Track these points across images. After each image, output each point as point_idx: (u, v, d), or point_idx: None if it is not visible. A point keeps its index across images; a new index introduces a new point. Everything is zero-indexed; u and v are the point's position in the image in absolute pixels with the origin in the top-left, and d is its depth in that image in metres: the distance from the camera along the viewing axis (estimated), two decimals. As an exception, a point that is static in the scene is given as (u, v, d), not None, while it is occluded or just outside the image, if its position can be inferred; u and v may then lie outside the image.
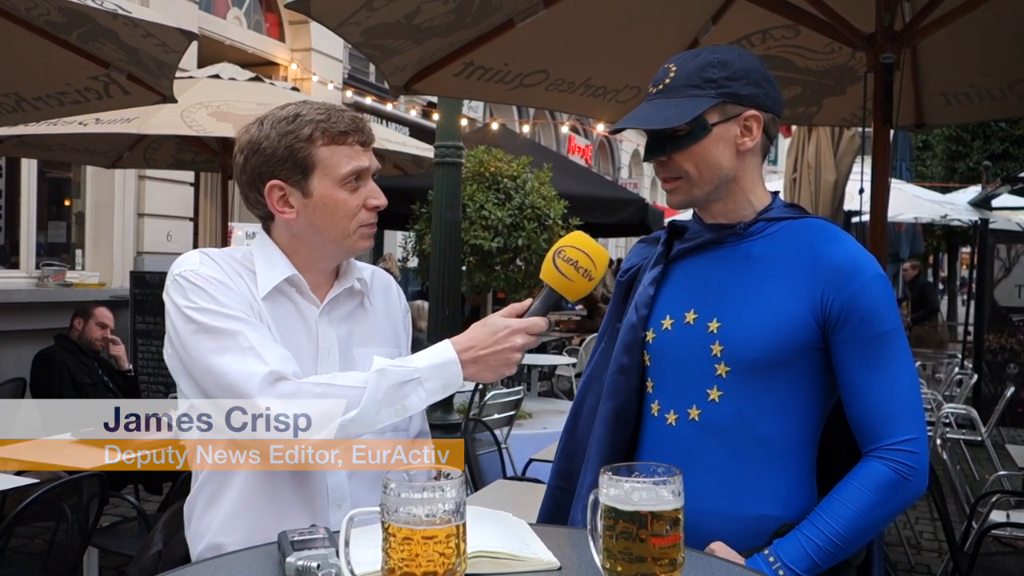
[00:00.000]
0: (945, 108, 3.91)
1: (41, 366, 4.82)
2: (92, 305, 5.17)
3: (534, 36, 3.28)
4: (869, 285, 1.49)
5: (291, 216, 1.61)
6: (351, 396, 1.45)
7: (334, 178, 1.59)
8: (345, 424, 1.45)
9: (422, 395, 1.49)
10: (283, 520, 1.51)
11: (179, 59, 3.53)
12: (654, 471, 1.12)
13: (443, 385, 1.51)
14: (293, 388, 1.45)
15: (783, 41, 3.50)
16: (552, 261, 1.53)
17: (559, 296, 1.55)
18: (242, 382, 1.44)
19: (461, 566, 1.08)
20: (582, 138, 21.67)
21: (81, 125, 5.02)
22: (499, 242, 6.80)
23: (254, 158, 1.61)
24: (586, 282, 1.52)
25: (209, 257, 1.60)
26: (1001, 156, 16.65)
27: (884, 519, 1.48)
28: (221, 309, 1.51)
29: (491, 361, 1.51)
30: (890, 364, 1.48)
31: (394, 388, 1.47)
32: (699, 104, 1.51)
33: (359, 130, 1.62)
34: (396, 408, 1.48)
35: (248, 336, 1.48)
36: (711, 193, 1.58)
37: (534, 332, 1.52)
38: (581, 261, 1.51)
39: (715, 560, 1.32)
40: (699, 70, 1.53)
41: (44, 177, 8.92)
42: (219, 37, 10.16)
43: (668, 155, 1.55)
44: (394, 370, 1.48)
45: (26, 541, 3.96)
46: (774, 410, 1.51)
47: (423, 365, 1.50)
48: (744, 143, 1.56)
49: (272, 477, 1.55)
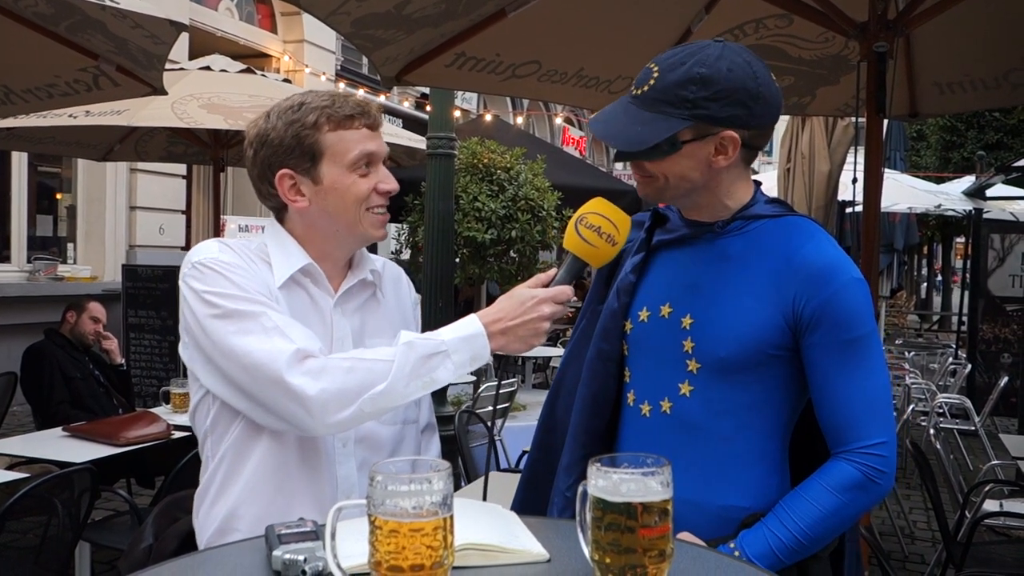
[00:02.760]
0: (939, 97, 3.90)
1: (31, 361, 4.79)
2: (85, 299, 5.15)
3: (526, 26, 3.26)
4: (844, 290, 1.46)
5: (303, 204, 1.61)
6: (380, 369, 1.45)
7: (343, 163, 1.59)
8: (375, 397, 1.44)
9: (450, 367, 1.48)
10: (291, 510, 1.51)
11: (168, 50, 3.51)
12: (643, 462, 1.11)
13: (471, 357, 1.49)
14: (320, 364, 1.44)
15: (776, 30, 3.49)
16: (575, 228, 1.51)
17: (584, 264, 1.53)
18: (268, 360, 1.43)
19: (448, 559, 1.07)
20: (576, 129, 21.64)
21: (71, 118, 5.00)
22: (492, 234, 6.80)
23: (263, 150, 1.61)
24: (610, 247, 1.50)
25: (227, 246, 1.59)
26: (995, 146, 16.67)
27: (850, 519, 1.48)
28: (241, 293, 1.50)
29: (520, 332, 1.50)
30: (862, 368, 1.47)
31: (422, 360, 1.46)
32: (669, 125, 1.46)
33: (365, 113, 1.62)
34: (424, 381, 1.47)
35: (271, 316, 1.48)
36: (680, 198, 1.57)
37: (561, 300, 1.51)
38: (604, 227, 1.49)
39: (706, 551, 1.32)
40: (678, 85, 1.45)
41: (35, 170, 8.89)
42: (211, 28, 10.12)
43: (635, 163, 1.55)
44: (422, 342, 1.47)
45: (18, 536, 3.94)
46: (744, 407, 1.51)
47: (450, 338, 1.48)
48: (717, 161, 1.51)
49: (282, 466, 1.55)
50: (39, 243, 8.91)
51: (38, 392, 4.74)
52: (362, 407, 1.44)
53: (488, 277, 7.28)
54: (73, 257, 9.08)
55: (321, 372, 1.43)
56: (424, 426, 1.85)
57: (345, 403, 1.43)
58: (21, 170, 8.54)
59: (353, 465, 1.61)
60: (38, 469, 3.50)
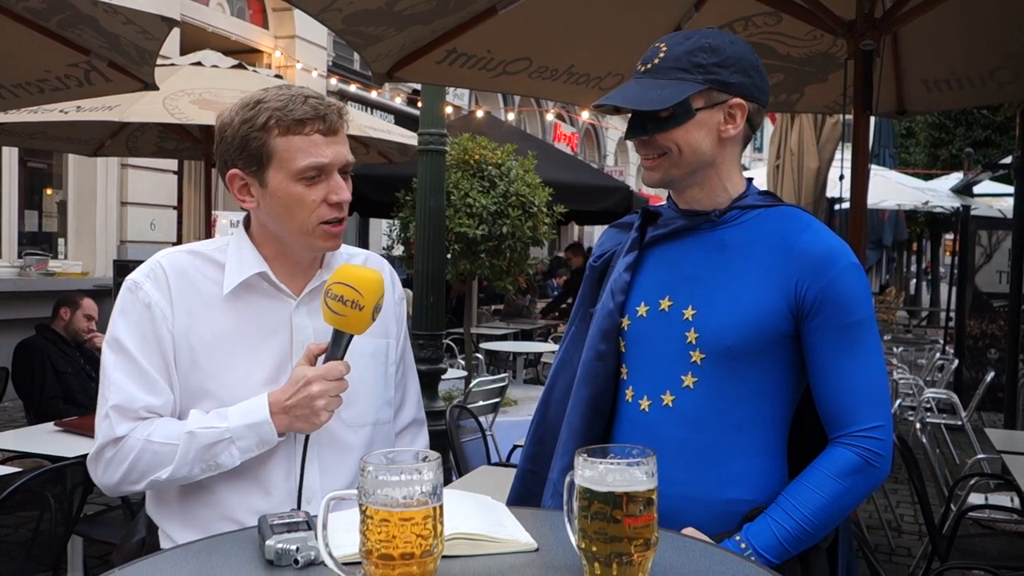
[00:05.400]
0: (926, 95, 3.94)
1: (23, 356, 4.79)
2: (77, 295, 5.13)
3: (517, 23, 3.27)
4: (844, 274, 1.50)
5: (252, 205, 1.58)
6: (166, 454, 1.50)
7: (288, 171, 1.53)
8: (159, 481, 1.51)
9: (235, 453, 1.51)
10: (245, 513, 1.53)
11: (160, 46, 3.51)
12: (628, 452, 1.14)
13: (258, 442, 1.52)
14: (112, 454, 1.52)
15: (765, 28, 3.51)
16: (324, 303, 1.49)
17: (347, 334, 1.51)
18: (96, 436, 1.55)
19: (438, 547, 1.09)
20: (568, 125, 21.65)
21: (62, 113, 4.98)
22: (484, 230, 6.81)
23: (220, 145, 1.58)
24: (358, 312, 1.47)
25: (162, 271, 1.58)
26: (983, 143, 16.72)
27: (851, 504, 1.51)
28: (125, 341, 1.55)
29: (297, 412, 1.50)
30: (860, 352, 1.50)
31: (204, 449, 1.50)
32: (684, 88, 1.51)
33: (319, 118, 1.52)
34: (208, 465, 1.51)
35: (116, 387, 1.53)
36: (689, 176, 1.58)
37: (332, 377, 1.49)
38: (347, 295, 1.46)
39: (688, 540, 1.34)
40: (688, 53, 1.53)
41: (25, 166, 8.85)
42: (202, 24, 10.09)
43: (649, 135, 1.56)
44: (204, 432, 1.50)
45: (10, 530, 3.95)
46: (747, 396, 1.53)
47: (236, 424, 1.50)
48: (727, 130, 1.56)
49: (240, 471, 1.55)
50: (30, 239, 8.88)
51: (30, 387, 4.74)
52: (151, 484, 1.53)
53: (479, 274, 7.29)
54: (64, 253, 9.06)
55: (111, 462, 1.52)
56: (410, 421, 1.84)
57: (133, 482, 1.52)
58: (11, 165, 8.51)
59: (315, 471, 1.59)
60: (30, 464, 3.50)
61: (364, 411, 1.66)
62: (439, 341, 5.22)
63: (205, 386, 1.55)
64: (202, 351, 1.55)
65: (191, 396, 1.56)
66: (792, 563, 1.48)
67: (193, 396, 1.56)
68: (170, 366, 1.55)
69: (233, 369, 1.56)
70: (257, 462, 1.55)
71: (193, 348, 1.55)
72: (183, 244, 1.70)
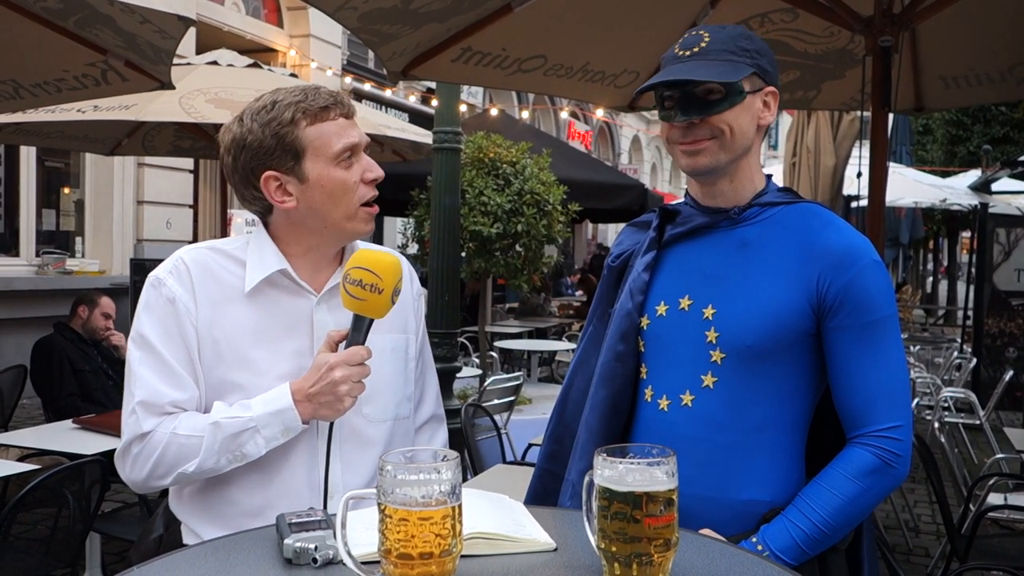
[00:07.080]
0: (944, 92, 3.91)
1: (41, 354, 4.82)
2: (95, 293, 5.16)
3: (532, 21, 3.27)
4: (866, 272, 1.48)
5: (291, 204, 1.60)
6: (192, 446, 1.52)
7: (327, 157, 1.58)
8: (189, 472, 1.53)
9: (260, 442, 1.53)
10: (271, 508, 1.53)
11: (176, 45, 3.52)
12: (648, 452, 1.13)
13: (283, 430, 1.53)
14: (139, 448, 1.54)
15: (781, 24, 3.49)
16: (343, 288, 1.49)
17: (368, 319, 1.51)
18: (122, 433, 1.58)
19: (457, 547, 1.09)
20: (582, 123, 21.62)
21: (79, 112, 5.01)
22: (498, 228, 6.80)
23: (243, 155, 1.59)
24: (377, 296, 1.47)
25: (184, 267, 1.60)
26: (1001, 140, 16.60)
27: (869, 506, 1.49)
28: (150, 338, 1.56)
29: (321, 399, 1.51)
30: (881, 351, 1.48)
31: (230, 439, 1.52)
32: (740, 69, 1.52)
33: (339, 103, 1.61)
34: (235, 455, 1.53)
35: (143, 382, 1.55)
36: (732, 162, 1.56)
37: (354, 362, 1.51)
38: (366, 279, 1.46)
39: (708, 540, 1.33)
40: (733, 39, 1.54)
41: (43, 165, 8.92)
42: (217, 23, 10.14)
43: (703, 117, 1.52)
44: (228, 422, 1.51)
45: (29, 527, 3.98)
46: (768, 396, 1.51)
47: (260, 413, 1.52)
48: (764, 117, 1.57)
49: (263, 463, 1.56)
50: (47, 237, 8.96)
51: (48, 385, 4.77)
52: (178, 478, 1.54)
53: (494, 272, 7.29)
54: (81, 251, 9.12)
55: (138, 458, 1.54)
56: (430, 417, 1.86)
57: (161, 476, 1.54)
58: (29, 165, 8.57)
59: (337, 466, 1.60)
60: (49, 461, 3.53)
61: (385, 406, 1.68)
62: (454, 339, 5.22)
63: (229, 379, 1.57)
64: (225, 345, 1.57)
65: (215, 390, 1.58)
66: (810, 564, 1.47)
67: (217, 390, 1.57)
68: (195, 361, 1.57)
69: (256, 363, 1.58)
70: (280, 457, 1.57)
71: (216, 342, 1.57)
72: (200, 242, 1.71)
